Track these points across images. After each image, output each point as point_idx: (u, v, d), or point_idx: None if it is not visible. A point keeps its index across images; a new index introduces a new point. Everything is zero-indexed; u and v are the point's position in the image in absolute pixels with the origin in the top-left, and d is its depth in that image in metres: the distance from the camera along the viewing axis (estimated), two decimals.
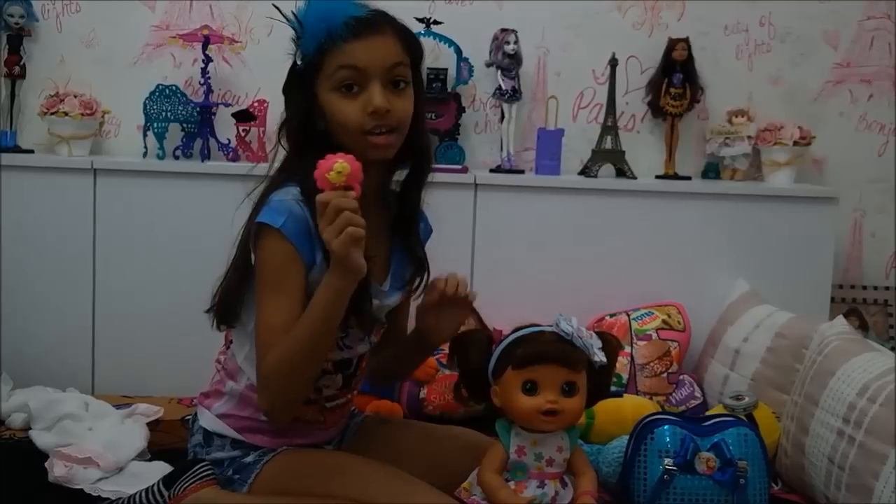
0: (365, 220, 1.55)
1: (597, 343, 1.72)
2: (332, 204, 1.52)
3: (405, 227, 1.87)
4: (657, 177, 3.08)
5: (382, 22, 1.72)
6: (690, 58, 3.03)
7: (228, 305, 1.79)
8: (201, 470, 1.82)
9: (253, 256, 1.71)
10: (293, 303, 1.65)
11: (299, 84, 1.74)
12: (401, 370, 2.12)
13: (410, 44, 1.76)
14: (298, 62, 1.73)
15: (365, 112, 1.68)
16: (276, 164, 1.81)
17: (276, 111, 2.14)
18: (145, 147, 2.99)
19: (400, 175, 1.89)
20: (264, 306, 1.67)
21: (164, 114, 2.96)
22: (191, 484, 1.80)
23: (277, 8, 1.76)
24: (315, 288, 1.63)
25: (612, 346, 1.77)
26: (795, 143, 3.04)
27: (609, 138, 3.05)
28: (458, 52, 3.01)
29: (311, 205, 1.61)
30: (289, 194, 1.67)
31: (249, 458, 1.81)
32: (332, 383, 1.82)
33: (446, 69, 3.00)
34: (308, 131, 1.74)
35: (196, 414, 1.91)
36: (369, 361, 1.93)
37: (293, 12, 1.72)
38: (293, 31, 1.72)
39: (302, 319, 1.62)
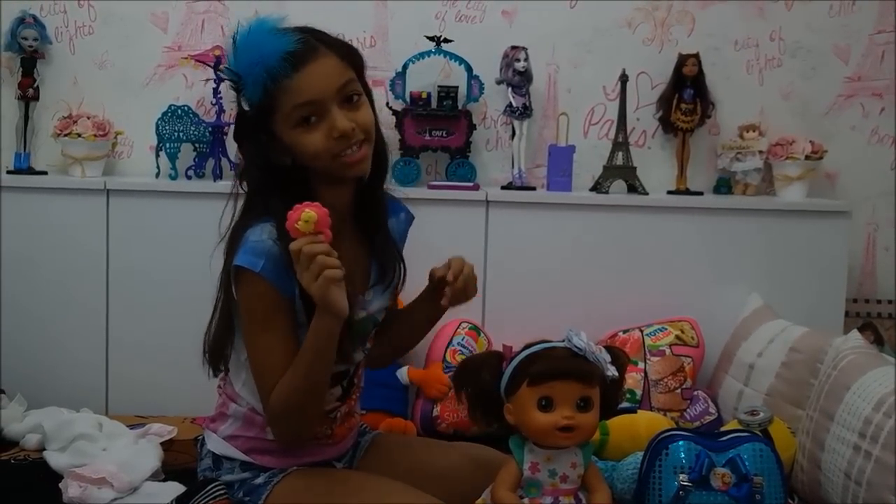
0: (341, 236, 1.59)
1: (607, 357, 1.72)
2: (304, 251, 1.55)
3: (375, 229, 1.86)
4: (669, 192, 3.08)
5: (316, 44, 1.68)
6: (701, 73, 3.04)
7: (220, 352, 1.81)
8: (214, 489, 1.82)
9: (235, 295, 1.72)
10: (285, 339, 1.69)
11: (253, 128, 1.71)
12: (412, 338, 2.05)
13: (350, 56, 1.73)
14: (246, 108, 1.69)
15: (331, 138, 1.67)
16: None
17: None
18: (158, 167, 3.01)
19: None
20: (258, 348, 1.70)
21: (176, 134, 2.98)
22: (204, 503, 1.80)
23: (214, 67, 1.71)
24: (300, 318, 1.69)
25: (621, 360, 1.77)
26: (807, 158, 3.04)
27: (620, 154, 3.05)
28: (469, 69, 3.02)
29: (285, 242, 1.63)
30: (264, 232, 1.67)
31: (259, 480, 1.80)
32: (330, 396, 1.82)
33: (457, 87, 3.01)
34: (272, 170, 1.72)
35: (203, 438, 1.91)
36: (375, 347, 1.96)
37: (225, 66, 1.69)
38: (231, 80, 1.69)
39: (296, 363, 1.65)
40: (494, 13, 3.12)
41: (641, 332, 2.86)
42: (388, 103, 3.01)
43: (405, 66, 3.00)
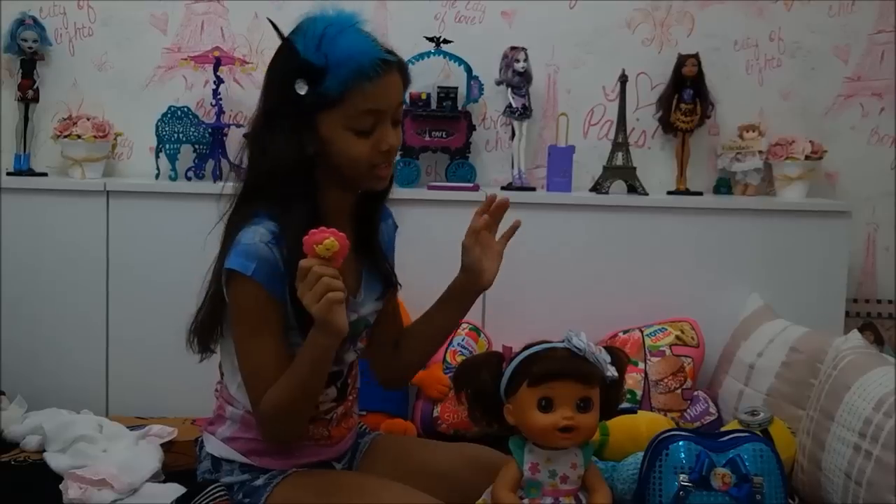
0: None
1: (607, 358, 1.72)
2: (314, 271, 1.56)
3: (368, 242, 1.89)
4: (668, 193, 3.08)
5: (393, 62, 1.72)
6: (700, 73, 3.04)
7: (207, 336, 1.83)
8: (215, 491, 1.82)
9: (226, 297, 1.73)
10: (276, 341, 1.70)
11: (296, 113, 1.70)
12: (427, 350, 2.02)
13: (405, 78, 1.77)
14: (302, 92, 1.67)
15: (377, 150, 1.72)
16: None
17: None
18: (157, 168, 3.01)
19: None
20: (248, 350, 1.71)
21: (176, 135, 2.98)
22: None
23: (291, 44, 1.70)
24: (290, 321, 1.70)
25: (621, 360, 1.77)
26: (807, 158, 3.04)
27: (620, 154, 3.05)
28: (469, 70, 3.02)
29: (280, 245, 1.66)
30: (257, 235, 1.68)
31: (259, 482, 1.80)
32: (325, 397, 1.83)
33: (457, 87, 3.01)
34: (294, 157, 1.71)
35: (202, 441, 1.92)
36: (390, 363, 1.99)
37: (317, 46, 1.66)
38: (308, 63, 1.65)
39: (289, 373, 1.66)
40: (494, 14, 3.12)
41: (641, 332, 2.86)
42: None
43: None
